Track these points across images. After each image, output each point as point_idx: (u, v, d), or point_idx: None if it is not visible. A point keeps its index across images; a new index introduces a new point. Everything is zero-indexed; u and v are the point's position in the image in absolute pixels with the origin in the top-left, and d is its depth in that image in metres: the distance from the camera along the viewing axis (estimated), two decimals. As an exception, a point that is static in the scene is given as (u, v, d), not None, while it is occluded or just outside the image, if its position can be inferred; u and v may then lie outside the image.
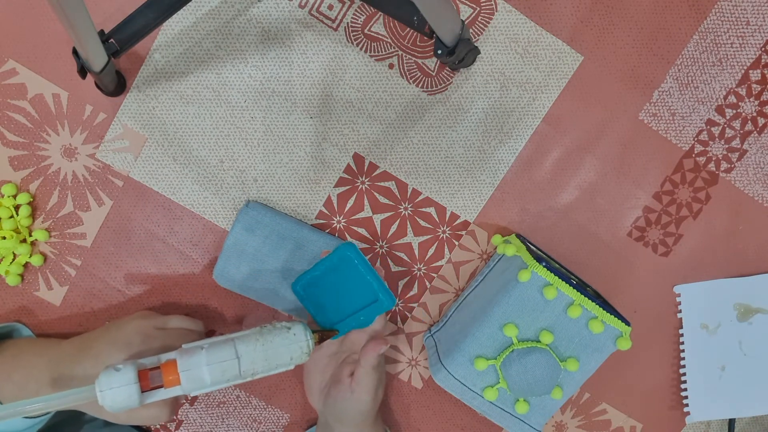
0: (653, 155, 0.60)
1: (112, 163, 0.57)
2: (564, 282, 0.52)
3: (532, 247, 0.58)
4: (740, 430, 0.68)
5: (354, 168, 0.59)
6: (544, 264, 0.52)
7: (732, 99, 0.59)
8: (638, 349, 0.64)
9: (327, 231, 0.60)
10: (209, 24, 0.55)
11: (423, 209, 0.60)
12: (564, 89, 0.58)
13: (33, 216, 0.58)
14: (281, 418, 0.64)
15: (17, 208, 0.57)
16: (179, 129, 0.57)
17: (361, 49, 0.56)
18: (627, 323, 0.53)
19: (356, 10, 0.55)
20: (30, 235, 0.58)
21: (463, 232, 0.61)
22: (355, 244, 0.52)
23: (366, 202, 0.59)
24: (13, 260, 0.58)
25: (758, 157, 0.60)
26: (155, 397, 0.45)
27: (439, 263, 0.61)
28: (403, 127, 0.58)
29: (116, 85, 0.54)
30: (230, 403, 0.63)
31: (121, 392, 0.42)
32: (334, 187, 0.59)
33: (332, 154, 0.58)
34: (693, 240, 0.62)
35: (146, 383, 0.44)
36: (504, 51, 0.57)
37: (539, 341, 0.53)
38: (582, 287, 0.54)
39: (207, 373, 0.44)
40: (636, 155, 0.59)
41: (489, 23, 0.56)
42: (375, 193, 0.59)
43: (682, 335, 0.64)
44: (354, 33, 0.56)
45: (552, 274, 0.52)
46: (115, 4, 0.54)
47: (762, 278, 0.63)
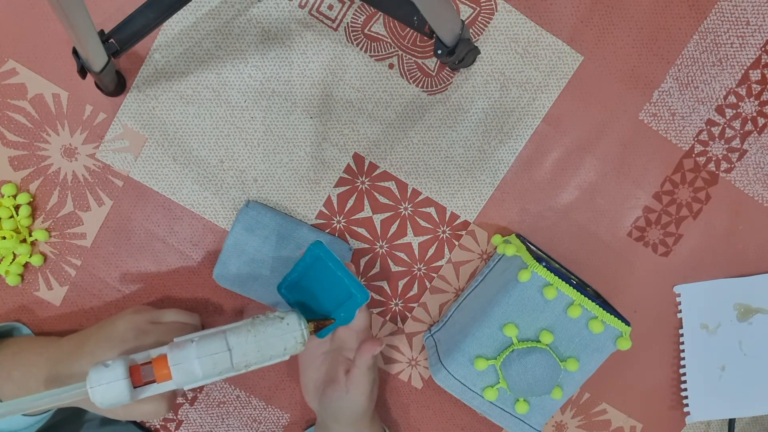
0: (653, 155, 0.60)
1: (112, 163, 0.57)
2: (564, 282, 0.52)
3: (532, 247, 0.58)
4: (740, 430, 0.68)
5: (354, 168, 0.59)
6: (544, 264, 0.52)
7: (732, 99, 0.59)
8: (638, 349, 0.64)
9: (327, 231, 0.60)
10: (209, 24, 0.55)
11: (423, 209, 0.60)
12: (564, 89, 0.58)
13: (33, 216, 0.58)
14: (281, 418, 0.64)
15: (17, 208, 0.57)
16: (179, 129, 0.57)
17: (361, 49, 0.56)
18: (627, 323, 0.53)
19: (356, 10, 0.55)
20: (30, 235, 0.58)
21: (463, 232, 0.61)
22: (323, 243, 0.51)
23: (366, 202, 0.59)
24: (13, 260, 0.58)
25: (758, 157, 0.60)
26: (148, 392, 0.44)
27: (439, 263, 0.61)
28: (403, 127, 0.58)
29: (116, 85, 0.54)
30: (230, 403, 0.63)
31: (111, 388, 0.42)
32: (334, 187, 0.59)
33: (332, 154, 0.58)
34: (693, 240, 0.62)
35: (138, 378, 0.44)
36: (504, 51, 0.57)
37: (539, 341, 0.53)
38: (582, 287, 0.54)
39: (198, 366, 0.44)
40: (636, 155, 0.59)
41: (489, 23, 0.56)
42: (375, 193, 0.59)
43: (682, 335, 0.64)
44: (354, 33, 0.56)
45: (552, 274, 0.52)
46: (115, 4, 0.54)
47: (762, 278, 0.63)
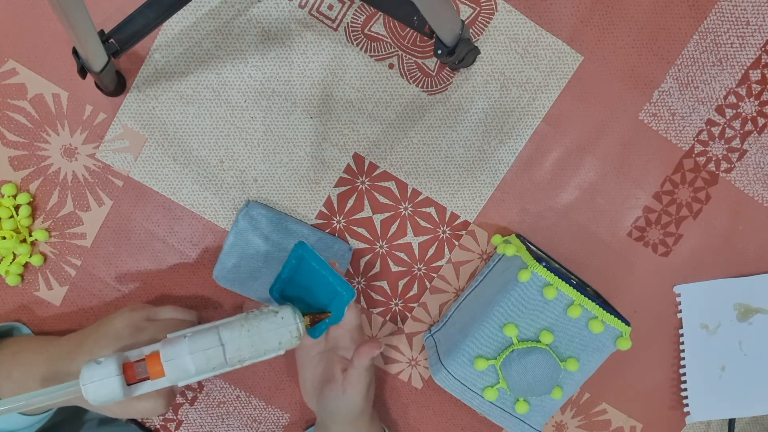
0: (653, 155, 0.60)
1: (112, 163, 0.57)
2: (564, 282, 0.52)
3: (532, 247, 0.58)
4: (740, 430, 0.68)
5: (354, 168, 0.59)
6: (544, 264, 0.52)
7: (732, 99, 0.59)
8: (638, 349, 0.64)
9: (327, 231, 0.60)
10: (209, 24, 0.55)
11: (423, 209, 0.60)
12: (564, 89, 0.58)
13: (33, 216, 0.58)
14: (281, 418, 0.64)
15: (17, 208, 0.57)
16: (179, 129, 0.57)
17: (361, 49, 0.56)
18: (627, 323, 0.53)
19: (356, 10, 0.55)
20: (30, 235, 0.58)
21: (463, 232, 0.61)
22: (305, 243, 0.51)
23: (366, 202, 0.59)
24: (13, 260, 0.58)
25: (758, 157, 0.60)
26: (141, 389, 0.44)
27: (439, 263, 0.61)
28: (403, 127, 0.58)
29: (116, 85, 0.54)
30: (230, 403, 0.63)
31: (104, 385, 0.42)
32: (334, 187, 0.59)
33: (332, 154, 0.58)
34: (693, 240, 0.62)
35: (132, 375, 0.44)
36: (504, 51, 0.57)
37: (539, 341, 0.53)
38: (582, 287, 0.54)
39: (190, 362, 0.44)
40: (636, 155, 0.59)
41: (489, 23, 0.56)
42: (375, 193, 0.59)
43: (682, 335, 0.64)
44: (354, 33, 0.56)
45: (552, 274, 0.52)
46: (115, 4, 0.54)
47: (762, 278, 0.63)
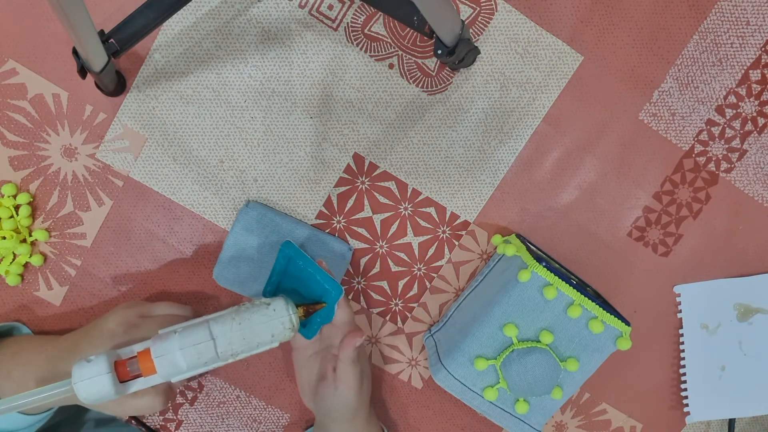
0: (653, 155, 0.60)
1: (112, 163, 0.57)
2: (564, 282, 0.52)
3: (532, 247, 0.58)
4: (740, 430, 0.68)
5: (354, 168, 0.59)
6: (544, 264, 0.52)
7: (732, 99, 0.59)
8: (638, 349, 0.64)
9: (327, 231, 0.60)
10: (209, 24, 0.55)
11: (423, 209, 0.60)
12: (564, 89, 0.58)
13: (33, 216, 0.58)
14: (281, 418, 0.64)
15: (17, 208, 0.57)
16: (179, 129, 0.57)
17: (361, 49, 0.56)
18: (627, 323, 0.53)
19: (356, 10, 0.55)
20: (30, 235, 0.58)
21: (463, 232, 0.61)
22: (292, 242, 0.51)
23: (366, 202, 0.59)
24: (13, 260, 0.58)
25: (758, 157, 0.60)
26: (135, 387, 0.44)
27: (439, 263, 0.61)
28: (403, 127, 0.58)
29: (116, 85, 0.54)
30: (230, 403, 0.63)
31: (94, 383, 0.42)
32: (334, 187, 0.59)
33: (332, 154, 0.58)
34: (693, 240, 0.62)
35: (125, 373, 0.43)
36: (504, 51, 0.57)
37: (539, 341, 0.53)
38: (582, 287, 0.54)
39: (181, 358, 0.43)
40: (636, 155, 0.59)
41: (489, 23, 0.56)
42: (375, 193, 0.59)
43: (682, 335, 0.64)
44: (354, 33, 0.56)
45: (552, 274, 0.52)
46: (115, 4, 0.54)
47: (762, 278, 0.63)
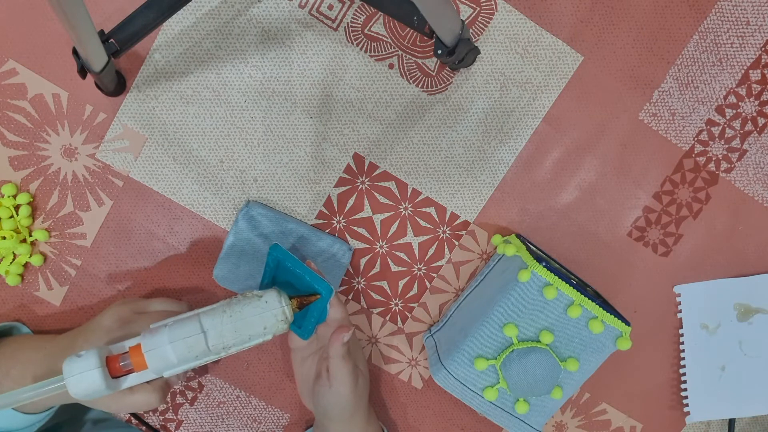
0: (653, 155, 0.60)
1: (112, 163, 0.57)
2: (564, 282, 0.52)
3: (532, 247, 0.58)
4: (740, 430, 0.68)
5: (354, 168, 0.59)
6: (544, 264, 0.52)
7: (732, 99, 0.59)
8: (638, 349, 0.64)
9: (327, 231, 0.60)
10: (209, 24, 0.55)
11: (423, 209, 0.60)
12: (564, 89, 0.58)
13: (33, 216, 0.58)
14: (281, 418, 0.64)
15: (17, 208, 0.57)
16: (179, 129, 0.57)
17: (361, 49, 0.56)
18: (627, 323, 0.53)
19: (356, 10, 0.55)
20: (30, 235, 0.58)
21: (463, 232, 0.61)
22: (279, 245, 0.50)
23: (366, 202, 0.59)
24: (13, 260, 0.58)
25: (758, 157, 0.60)
26: (128, 382, 0.44)
27: (439, 263, 0.61)
28: (403, 127, 0.58)
29: (116, 85, 0.54)
30: (230, 403, 0.63)
31: (85, 378, 0.41)
32: (334, 187, 0.59)
33: (332, 154, 0.58)
34: (693, 240, 0.62)
35: (117, 368, 0.43)
36: (504, 51, 0.57)
37: (539, 341, 0.53)
38: (582, 287, 0.54)
39: (171, 351, 0.43)
40: (636, 155, 0.59)
41: (489, 23, 0.56)
42: (375, 193, 0.59)
43: (682, 335, 0.64)
44: (354, 33, 0.56)
45: (552, 274, 0.52)
46: (115, 4, 0.54)
47: (762, 278, 0.63)
